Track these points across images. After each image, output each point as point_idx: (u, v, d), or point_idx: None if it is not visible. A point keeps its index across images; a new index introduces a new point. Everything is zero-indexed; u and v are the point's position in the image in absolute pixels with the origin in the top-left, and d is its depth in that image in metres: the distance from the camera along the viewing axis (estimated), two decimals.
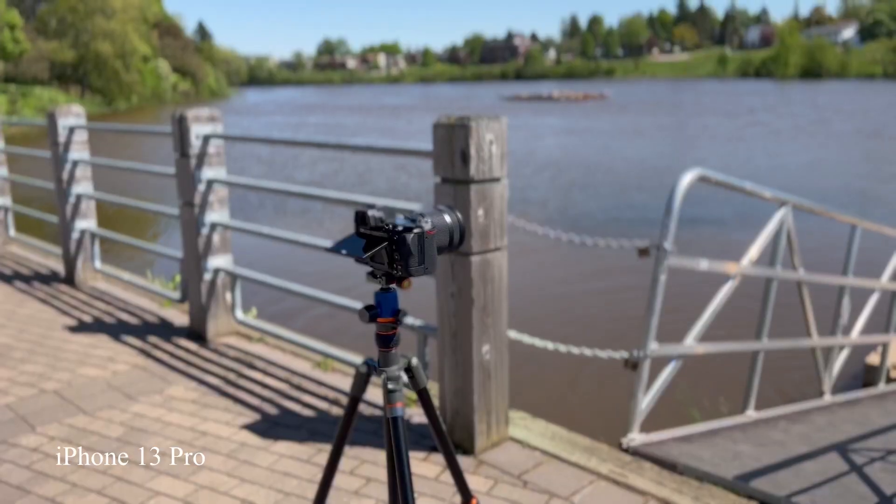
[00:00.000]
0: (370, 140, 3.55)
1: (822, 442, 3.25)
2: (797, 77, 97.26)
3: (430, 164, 2.58)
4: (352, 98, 76.39)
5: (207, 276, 3.91)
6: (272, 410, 3.12)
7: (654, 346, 2.85)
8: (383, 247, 1.15)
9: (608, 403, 5.31)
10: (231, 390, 3.33)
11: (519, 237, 3.36)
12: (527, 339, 2.84)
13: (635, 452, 2.75)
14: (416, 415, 3.02)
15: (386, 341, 1.26)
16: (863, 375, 5.79)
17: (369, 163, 19.78)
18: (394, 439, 1.21)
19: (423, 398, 1.32)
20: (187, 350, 3.85)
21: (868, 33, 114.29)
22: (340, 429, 1.31)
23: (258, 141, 3.66)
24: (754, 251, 3.35)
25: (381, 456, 2.70)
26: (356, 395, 1.29)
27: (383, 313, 1.25)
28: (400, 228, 1.16)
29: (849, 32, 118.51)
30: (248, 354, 3.77)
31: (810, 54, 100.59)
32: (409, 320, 2.93)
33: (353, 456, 2.70)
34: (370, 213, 1.15)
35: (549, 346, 2.84)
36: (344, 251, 1.17)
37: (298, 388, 3.35)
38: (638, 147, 23.87)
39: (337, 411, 3.09)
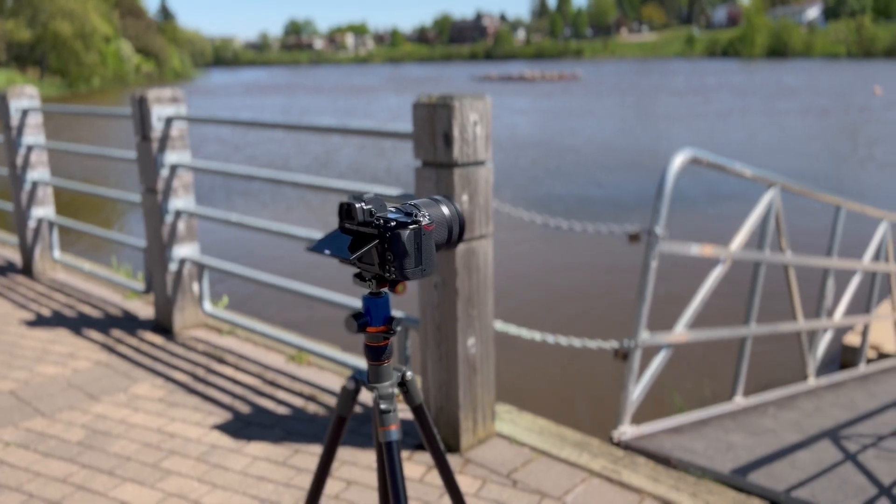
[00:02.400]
0: (345, 121, 3.36)
1: (813, 429, 3.18)
2: (763, 57, 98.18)
3: (398, 145, 2.42)
4: (319, 79, 75.39)
5: (173, 267, 3.72)
6: (244, 409, 2.95)
7: (645, 336, 2.73)
8: (374, 246, 0.99)
9: (591, 393, 5.23)
10: (200, 387, 3.16)
11: (497, 220, 3.22)
12: (513, 329, 2.71)
13: (627, 446, 2.64)
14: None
15: (377, 354, 1.09)
16: (840, 356, 5.78)
17: (329, 143, 19.35)
18: (388, 466, 1.05)
19: (420, 415, 1.17)
20: (153, 344, 3.66)
21: (832, 13, 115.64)
22: (325, 451, 1.16)
23: (225, 123, 3.46)
24: (743, 234, 3.26)
25: (361, 456, 2.56)
26: (342, 415, 1.14)
27: (373, 322, 1.08)
28: (393, 224, 0.99)
29: (813, 12, 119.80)
30: (218, 348, 3.59)
31: (776, 34, 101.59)
32: None
33: None
34: (358, 205, 0.98)
35: (537, 336, 2.71)
36: (327, 251, 1.00)
37: (272, 383, 3.18)
38: (615, 127, 23.84)
39: (313, 408, 2.94)
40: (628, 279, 7.59)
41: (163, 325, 3.83)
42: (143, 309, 4.20)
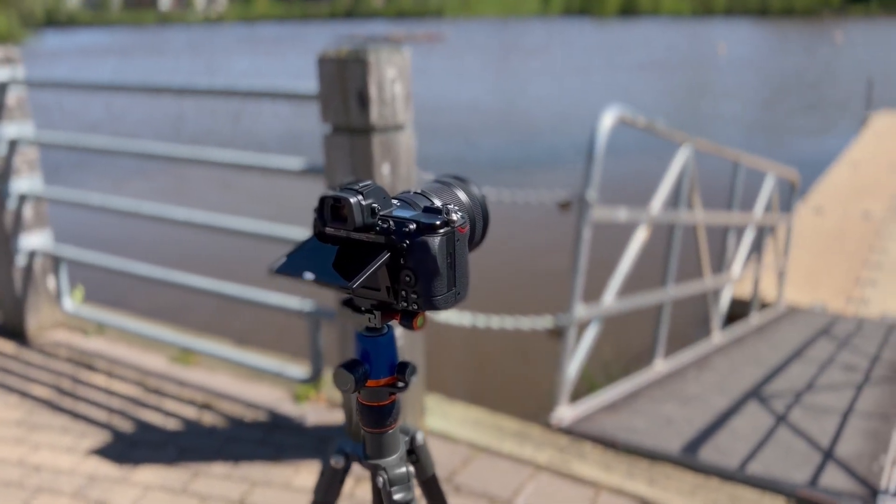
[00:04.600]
0: (233, 82, 2.90)
1: (735, 390, 3.13)
2: (615, 15, 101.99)
3: (257, 108, 2.05)
4: (166, 41, 70.68)
5: (21, 260, 3.14)
6: (126, 425, 2.50)
7: (581, 311, 2.53)
8: (384, 261, 0.65)
9: (511, 370, 5.02)
10: (68, 403, 2.66)
11: None
12: (441, 314, 2.42)
13: (569, 431, 2.45)
14: (311, 412, 2.54)
15: (379, 417, 0.73)
16: (728, 308, 5.92)
17: (178, 107, 17.95)
18: None
19: (431, 489, 0.87)
20: (2, 354, 3.08)
21: None
22: None
23: (82, 87, 2.90)
24: (662, 194, 3.12)
25: (274, 473, 2.21)
26: (326, 501, 0.80)
27: (375, 371, 0.73)
28: (413, 227, 0.64)
29: None
30: (85, 353, 3.07)
31: None
32: (294, 303, 2.42)
33: (239, 477, 2.19)
34: (353, 199, 0.64)
35: (467, 320, 2.44)
36: (309, 275, 0.64)
37: (156, 391, 2.74)
38: (485, 87, 23.80)
39: (210, 418, 2.54)
40: (544, 245, 7.46)
41: (12, 330, 3.25)
42: None
